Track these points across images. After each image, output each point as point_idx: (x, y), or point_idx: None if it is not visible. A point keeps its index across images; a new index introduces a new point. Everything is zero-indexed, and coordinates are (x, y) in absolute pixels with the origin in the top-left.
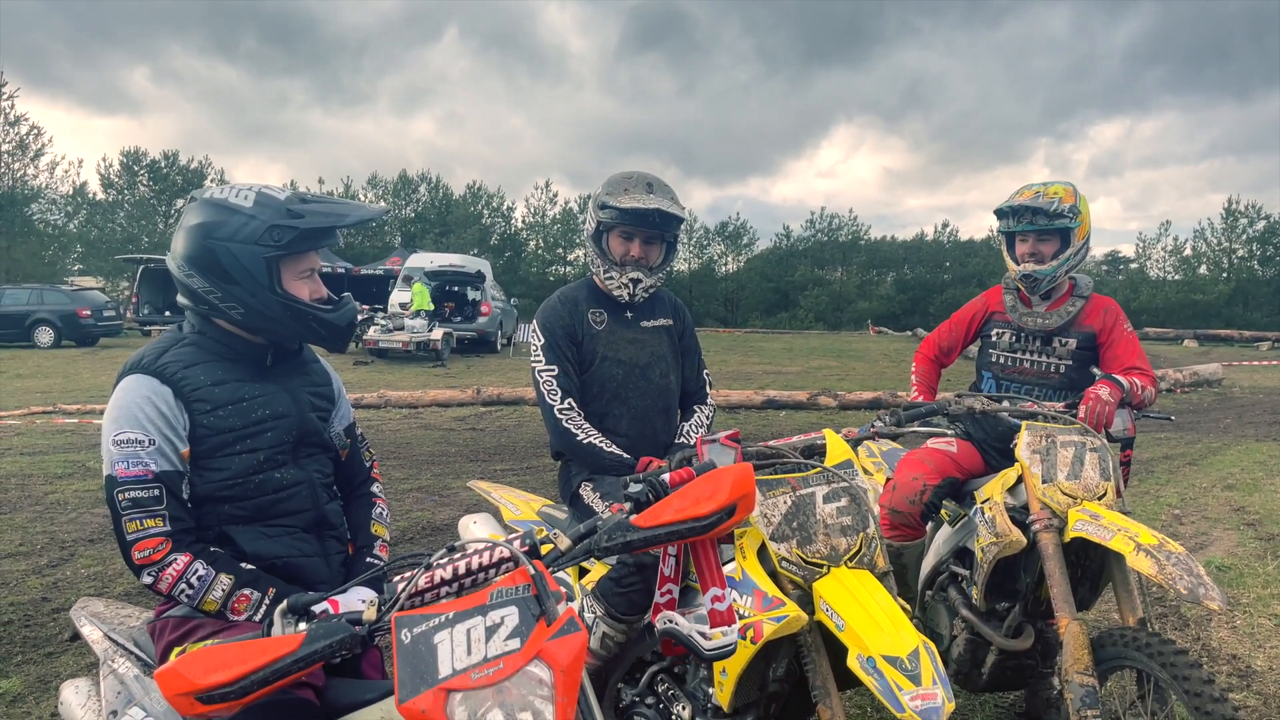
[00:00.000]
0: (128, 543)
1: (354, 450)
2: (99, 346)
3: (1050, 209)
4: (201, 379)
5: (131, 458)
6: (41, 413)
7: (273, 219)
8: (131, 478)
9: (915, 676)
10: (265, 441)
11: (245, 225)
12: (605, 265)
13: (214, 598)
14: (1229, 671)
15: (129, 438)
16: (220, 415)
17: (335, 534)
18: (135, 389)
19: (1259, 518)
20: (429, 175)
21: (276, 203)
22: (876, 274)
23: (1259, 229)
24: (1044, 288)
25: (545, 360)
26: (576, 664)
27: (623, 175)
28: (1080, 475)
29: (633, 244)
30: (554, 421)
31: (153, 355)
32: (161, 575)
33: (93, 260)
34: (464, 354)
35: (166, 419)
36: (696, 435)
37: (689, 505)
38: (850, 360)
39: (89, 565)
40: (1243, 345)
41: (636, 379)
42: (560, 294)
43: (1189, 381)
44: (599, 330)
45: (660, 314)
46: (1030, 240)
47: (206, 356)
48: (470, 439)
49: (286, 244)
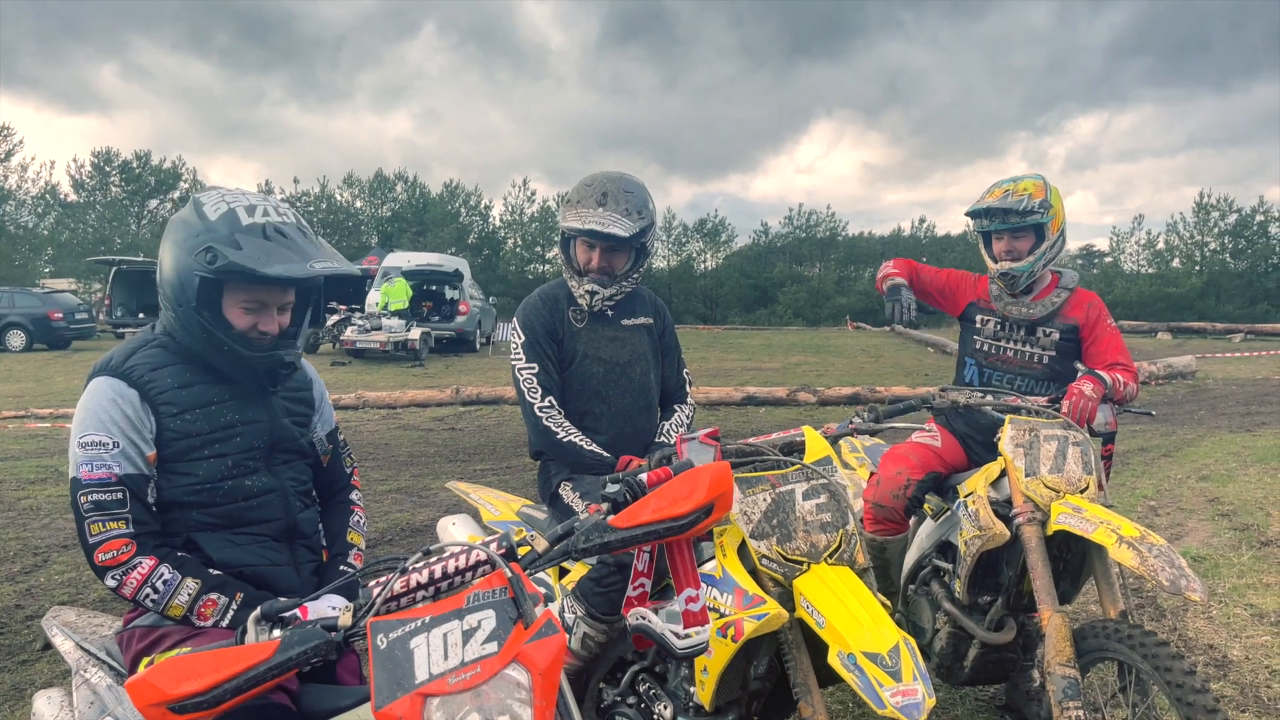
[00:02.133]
0: (90, 545)
1: (335, 456)
2: (72, 350)
3: (1020, 207)
4: (169, 381)
5: (95, 460)
6: (13, 417)
7: (213, 239)
8: (95, 480)
9: (896, 673)
10: (234, 446)
11: (193, 236)
12: (569, 273)
13: (179, 602)
14: (1206, 661)
15: (94, 440)
16: (187, 419)
17: (307, 543)
18: (102, 392)
19: (1233, 508)
20: (406, 174)
21: (232, 222)
22: (854, 270)
23: (1230, 222)
24: (1022, 284)
25: (525, 358)
26: (555, 666)
27: (586, 182)
28: (1063, 469)
29: (594, 254)
30: (534, 419)
31: (121, 357)
32: (126, 579)
33: (64, 262)
34: (442, 353)
35: (131, 422)
36: (677, 434)
37: (666, 505)
38: (829, 356)
39: (62, 571)
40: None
41: (617, 377)
42: (540, 292)
43: (1163, 374)
44: (580, 328)
45: (640, 312)
46: (1005, 238)
47: (176, 359)
48: (449, 439)
49: (214, 270)
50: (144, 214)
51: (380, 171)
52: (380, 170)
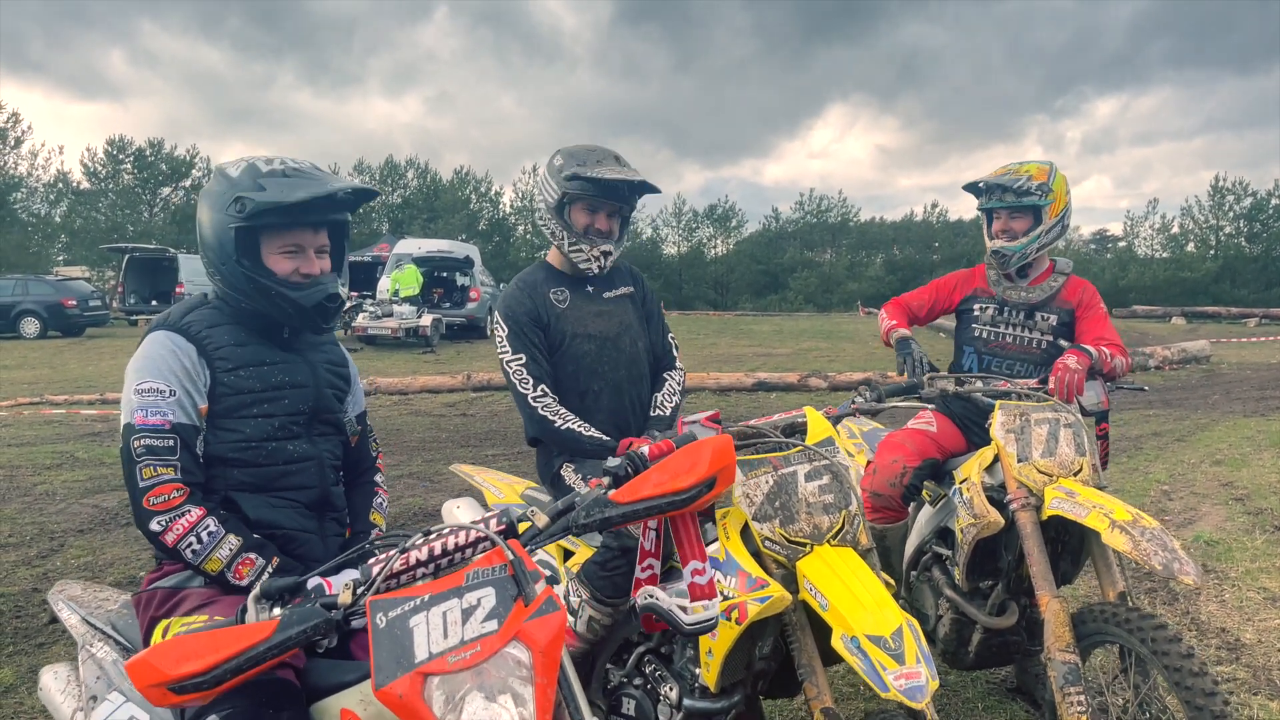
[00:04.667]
0: (141, 489)
1: (362, 438)
2: (85, 337)
3: (1016, 186)
4: (225, 339)
5: (151, 407)
6: (28, 404)
7: (238, 190)
8: (149, 426)
9: (899, 655)
10: (282, 408)
11: (222, 194)
12: (571, 237)
13: (220, 556)
14: (1218, 645)
15: (151, 387)
16: (241, 375)
17: (336, 516)
18: (161, 342)
19: (1247, 492)
20: (417, 161)
21: (254, 172)
22: (866, 255)
23: (1245, 206)
24: (1014, 264)
25: (512, 350)
26: (555, 644)
27: (584, 149)
28: (1055, 452)
29: (598, 216)
30: (529, 410)
31: (179, 314)
32: (172, 525)
33: (77, 250)
34: (453, 340)
35: (189, 372)
36: (670, 404)
37: (668, 479)
38: (840, 341)
39: (79, 556)
40: (1230, 322)
41: (609, 351)
42: (518, 280)
43: (1177, 358)
44: (564, 309)
45: (620, 283)
46: (1003, 217)
47: (230, 320)
48: (461, 425)
49: (247, 215)
50: (156, 201)
51: (391, 158)
52: (391, 157)
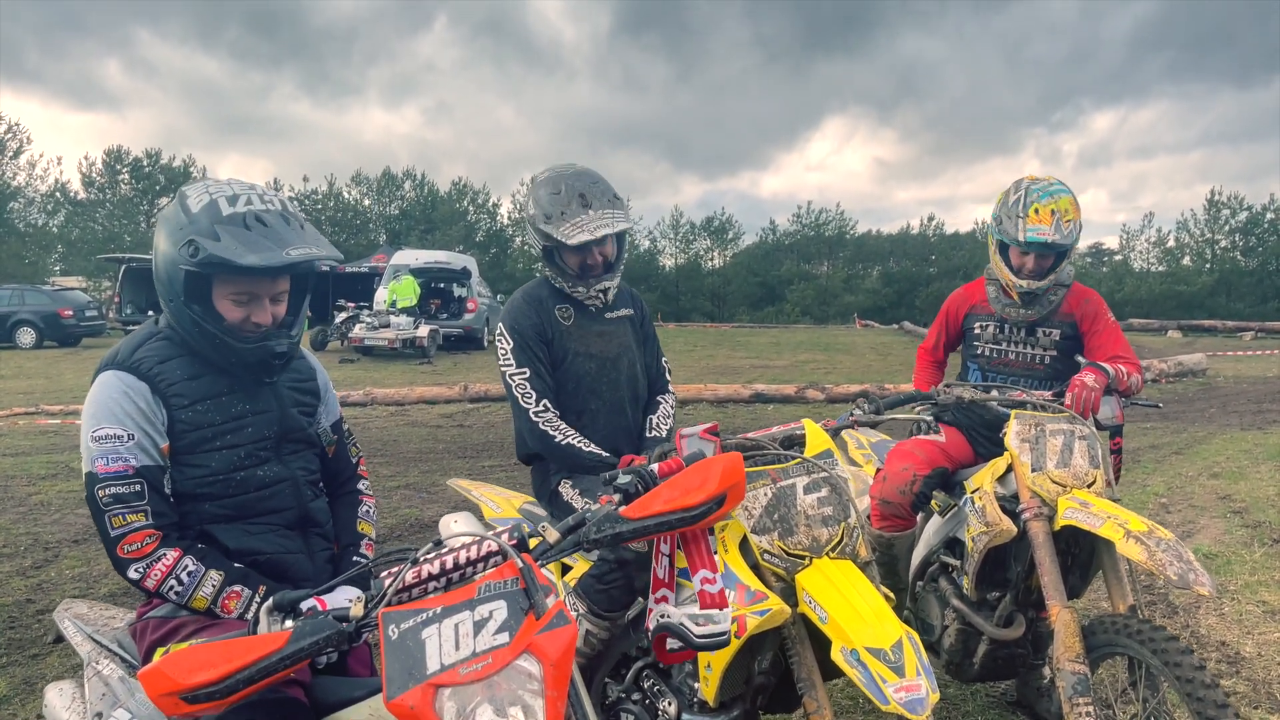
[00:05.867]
0: (113, 539)
1: (340, 447)
2: (81, 347)
3: (1070, 240)
4: (178, 373)
5: (111, 453)
6: (24, 414)
7: (195, 232)
8: (112, 474)
9: (899, 668)
10: (245, 437)
11: (178, 230)
12: (569, 282)
13: (204, 594)
14: (1218, 658)
15: (107, 433)
16: (199, 410)
17: (320, 531)
18: (112, 385)
19: (1245, 505)
20: (414, 172)
21: (213, 213)
22: (862, 268)
23: (1241, 220)
24: (1041, 301)
25: (516, 363)
26: (566, 657)
27: (552, 194)
28: (1069, 463)
29: (590, 253)
30: (530, 425)
31: (128, 350)
32: (150, 571)
33: (74, 260)
34: (450, 351)
35: (144, 414)
36: (665, 426)
37: (678, 495)
38: (837, 354)
39: (73, 566)
40: (1226, 335)
41: (609, 371)
42: (524, 293)
43: (1173, 372)
44: (568, 326)
45: (621, 304)
46: (1033, 258)
47: (182, 350)
48: (457, 436)
49: (197, 263)
50: (153, 211)
51: (388, 169)
52: (388, 168)
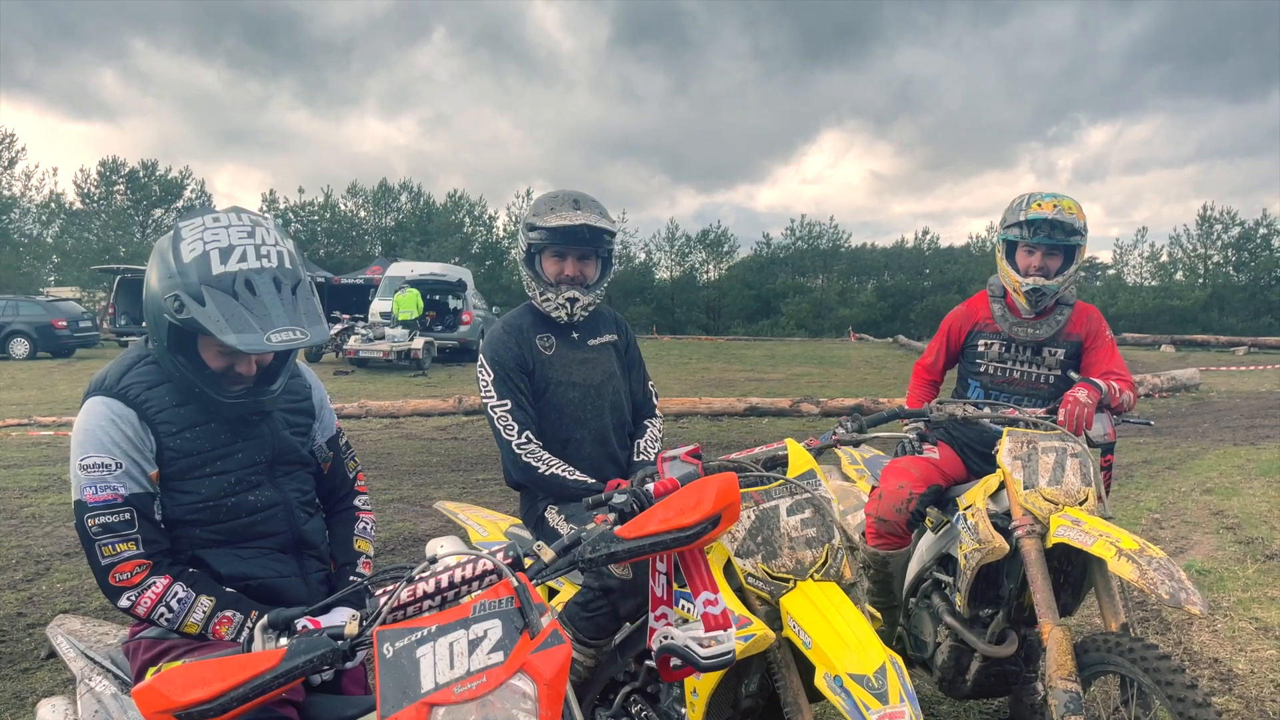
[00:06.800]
0: (104, 568)
1: (336, 462)
2: (75, 358)
3: (1070, 224)
4: (166, 400)
5: (99, 482)
6: (16, 425)
7: (182, 284)
8: (101, 503)
9: (882, 695)
10: (236, 463)
11: (167, 277)
12: (540, 287)
13: (195, 620)
14: (1211, 675)
15: (95, 462)
16: (187, 437)
17: (314, 553)
18: (100, 412)
19: (1238, 521)
20: (410, 184)
21: (203, 270)
22: (857, 281)
23: (1234, 235)
24: (1048, 302)
25: (497, 395)
26: (560, 677)
27: (548, 196)
28: (1062, 481)
29: (566, 263)
30: (513, 457)
31: (115, 376)
32: (140, 599)
33: (69, 271)
34: (445, 363)
35: (132, 441)
36: (653, 450)
37: (673, 515)
38: (832, 367)
39: (64, 580)
40: (1219, 350)
41: (592, 399)
42: (504, 323)
43: (1166, 386)
44: (549, 355)
45: (604, 330)
46: (1039, 254)
47: (170, 377)
48: (452, 449)
49: (179, 320)
50: (149, 223)
51: (385, 181)
52: (385, 180)
